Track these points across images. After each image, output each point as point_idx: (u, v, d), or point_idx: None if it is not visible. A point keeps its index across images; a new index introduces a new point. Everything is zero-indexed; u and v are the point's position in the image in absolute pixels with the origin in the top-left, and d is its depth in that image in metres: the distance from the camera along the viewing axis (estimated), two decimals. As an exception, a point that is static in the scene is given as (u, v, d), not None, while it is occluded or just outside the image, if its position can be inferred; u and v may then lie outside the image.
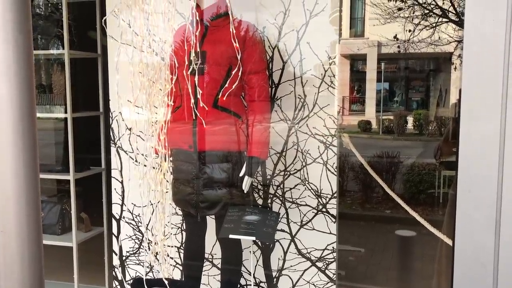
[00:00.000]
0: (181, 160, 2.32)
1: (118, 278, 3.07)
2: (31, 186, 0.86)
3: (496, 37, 0.84)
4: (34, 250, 0.86)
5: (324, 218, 2.78)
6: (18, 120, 0.83)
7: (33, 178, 0.87)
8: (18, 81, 0.82)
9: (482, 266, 0.85)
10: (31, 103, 0.85)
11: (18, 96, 0.83)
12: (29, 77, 0.84)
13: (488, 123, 0.85)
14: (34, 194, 0.87)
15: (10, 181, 0.84)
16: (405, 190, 5.91)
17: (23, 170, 0.85)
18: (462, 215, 0.85)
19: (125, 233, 3.03)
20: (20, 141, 0.84)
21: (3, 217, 0.84)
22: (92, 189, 3.39)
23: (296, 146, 2.78)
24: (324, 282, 2.81)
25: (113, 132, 2.97)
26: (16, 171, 0.84)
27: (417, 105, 13.61)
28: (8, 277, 0.85)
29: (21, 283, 0.85)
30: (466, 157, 0.84)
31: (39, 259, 0.87)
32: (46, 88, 5.81)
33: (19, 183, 0.85)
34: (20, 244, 0.84)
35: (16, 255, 0.84)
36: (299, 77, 2.72)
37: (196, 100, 2.18)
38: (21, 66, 0.83)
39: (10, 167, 0.84)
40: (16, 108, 0.83)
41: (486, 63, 0.85)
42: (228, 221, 2.22)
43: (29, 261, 0.85)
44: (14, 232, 0.84)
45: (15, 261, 0.84)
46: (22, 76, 0.82)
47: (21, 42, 0.81)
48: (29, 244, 0.85)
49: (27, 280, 0.85)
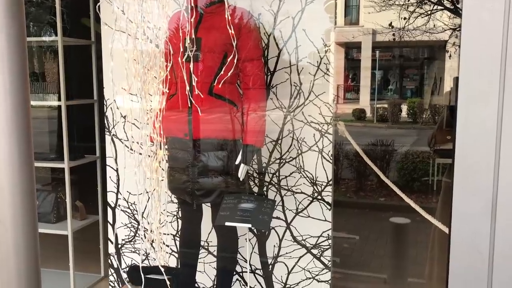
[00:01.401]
0: (176, 148, 2.32)
1: (114, 266, 3.08)
2: (26, 175, 0.86)
3: (494, 23, 0.83)
4: (29, 239, 0.86)
5: (319, 206, 2.79)
6: (12, 108, 0.82)
7: (28, 166, 0.86)
8: (11, 69, 0.81)
9: (478, 253, 0.85)
10: (25, 91, 0.84)
11: (12, 84, 0.82)
12: (23, 65, 0.83)
13: (485, 110, 0.85)
14: (29, 182, 0.86)
15: (5, 170, 0.83)
16: (399, 178, 5.94)
17: (18, 159, 0.84)
18: (459, 202, 0.85)
19: (120, 221, 3.03)
20: (15, 129, 0.83)
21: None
22: (87, 177, 3.38)
23: (292, 134, 2.78)
24: (319, 269, 2.83)
25: (107, 120, 2.95)
26: (11, 160, 0.83)
27: (412, 93, 13.63)
28: (4, 265, 0.84)
29: (17, 272, 0.84)
30: (462, 144, 0.84)
31: (35, 247, 0.87)
32: (39, 76, 5.76)
33: (14, 172, 0.84)
34: (15, 233, 0.83)
35: (11, 244, 0.84)
36: (294, 65, 2.71)
37: (191, 87, 2.17)
38: (14, 54, 0.81)
39: (4, 156, 0.83)
40: (10, 96, 0.82)
41: (483, 50, 0.85)
42: (224, 208, 2.22)
43: (24, 249, 0.85)
44: (10, 221, 0.84)
45: (10, 250, 0.84)
46: (15, 63, 0.81)
47: (14, 29, 0.80)
48: (24, 233, 0.84)
49: (23, 268, 0.84)
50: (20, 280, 0.84)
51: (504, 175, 0.84)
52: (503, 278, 0.87)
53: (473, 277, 0.88)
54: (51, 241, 3.24)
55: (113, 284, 3.11)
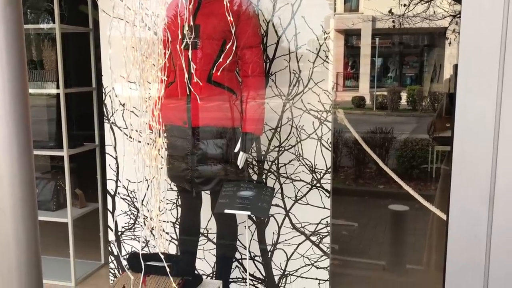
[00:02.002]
0: (175, 136, 2.31)
1: (114, 253, 3.10)
2: (25, 163, 0.86)
3: (494, 10, 0.83)
4: (29, 226, 0.86)
5: (318, 193, 2.80)
6: (10, 96, 0.82)
7: (27, 154, 0.86)
8: (9, 57, 0.81)
9: (476, 238, 0.86)
10: (23, 79, 0.83)
11: (10, 72, 0.82)
12: (20, 52, 0.82)
13: (484, 98, 0.84)
14: (28, 170, 0.86)
15: (4, 158, 0.83)
16: (398, 166, 5.95)
17: (17, 147, 0.84)
18: (457, 188, 0.85)
19: (120, 208, 3.04)
20: (13, 117, 0.83)
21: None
22: (86, 165, 3.38)
23: (291, 121, 2.77)
24: (318, 256, 2.85)
25: (106, 108, 2.95)
26: (10, 148, 0.83)
27: (411, 80, 13.60)
28: (5, 253, 0.85)
29: (18, 259, 0.85)
30: (461, 132, 0.84)
31: (35, 235, 0.87)
32: (37, 64, 5.74)
33: (13, 160, 0.84)
34: (15, 221, 0.84)
35: (12, 232, 0.84)
36: (293, 52, 2.70)
37: (190, 75, 2.16)
38: (11, 41, 0.81)
39: (3, 144, 0.83)
40: (8, 85, 0.81)
41: (483, 37, 0.84)
42: (223, 196, 2.23)
43: (25, 237, 0.85)
44: (9, 208, 0.84)
45: (11, 238, 0.84)
46: (13, 51, 0.81)
47: (11, 16, 0.79)
48: (24, 220, 0.85)
49: (24, 255, 0.85)
50: (20, 267, 0.85)
51: (502, 162, 0.84)
52: (500, 265, 0.88)
53: (470, 264, 0.89)
54: (51, 228, 3.26)
55: (113, 271, 3.13)
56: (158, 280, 1.83)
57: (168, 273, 1.81)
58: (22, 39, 0.83)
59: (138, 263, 1.85)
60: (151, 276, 1.85)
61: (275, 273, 2.91)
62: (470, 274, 0.90)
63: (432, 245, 2.89)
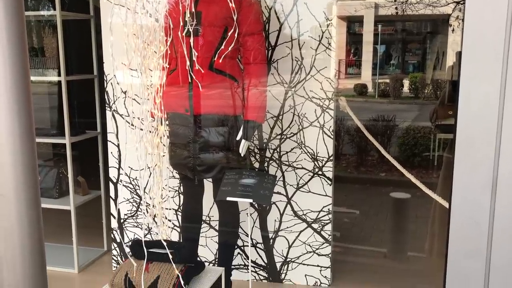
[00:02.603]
0: (177, 124, 2.31)
1: (117, 240, 3.12)
2: (27, 149, 0.86)
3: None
4: (33, 213, 0.86)
5: (320, 181, 2.81)
6: (12, 83, 0.82)
7: (29, 141, 0.86)
8: (10, 44, 0.80)
9: (477, 225, 0.86)
10: (24, 66, 0.83)
11: (11, 59, 0.81)
12: (21, 39, 0.82)
13: (488, 84, 0.84)
14: (30, 157, 0.86)
15: (6, 144, 0.83)
16: (400, 153, 5.95)
17: (19, 134, 0.84)
18: (459, 175, 0.85)
19: (122, 196, 3.05)
20: (15, 104, 0.83)
21: (0, 181, 0.83)
22: (89, 153, 3.39)
23: (293, 109, 2.77)
24: (319, 243, 2.86)
25: (108, 95, 2.94)
26: (12, 135, 0.83)
27: (414, 68, 13.55)
28: (8, 240, 0.85)
29: (21, 246, 0.85)
30: (465, 118, 0.84)
31: (38, 221, 0.88)
32: (38, 52, 5.72)
33: (15, 146, 0.84)
34: (18, 207, 0.84)
35: (15, 218, 0.85)
36: (296, 39, 2.68)
37: (191, 62, 2.15)
38: (12, 28, 0.80)
39: (6, 131, 0.83)
40: (9, 72, 0.81)
41: (488, 23, 0.83)
42: (225, 184, 2.23)
43: (28, 223, 0.86)
44: (12, 195, 0.84)
45: (14, 224, 0.85)
46: (13, 38, 0.80)
47: (12, 2, 0.79)
48: (27, 206, 0.85)
49: (27, 242, 0.85)
50: (24, 254, 0.85)
51: (506, 149, 0.84)
52: (502, 251, 0.88)
53: (472, 250, 0.89)
54: (54, 216, 3.28)
55: (116, 258, 3.15)
56: (160, 267, 1.84)
57: (170, 260, 1.82)
58: (23, 26, 0.83)
59: (140, 250, 1.86)
60: (153, 263, 1.86)
61: (277, 260, 2.93)
62: (471, 261, 0.91)
63: (434, 232, 2.90)
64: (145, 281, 1.81)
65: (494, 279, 0.90)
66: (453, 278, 0.93)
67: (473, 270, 0.91)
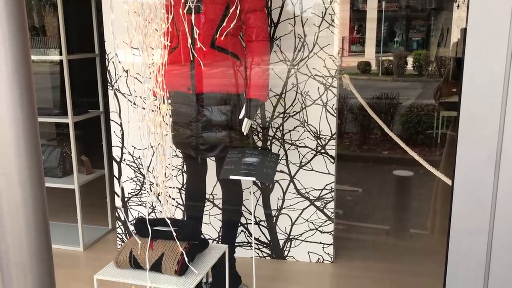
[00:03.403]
0: (179, 103, 2.30)
1: (121, 219, 3.15)
2: (30, 128, 0.86)
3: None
4: (36, 192, 0.87)
5: (323, 159, 2.81)
6: (12, 63, 0.81)
7: (32, 120, 0.86)
8: (10, 23, 0.79)
9: (480, 203, 0.86)
10: (24, 45, 0.82)
11: (11, 38, 0.81)
12: (21, 18, 0.81)
13: (493, 61, 0.83)
14: (33, 136, 0.86)
15: (9, 124, 0.83)
16: (403, 131, 5.94)
17: (21, 113, 0.84)
18: (463, 152, 0.85)
19: (126, 175, 3.06)
20: (16, 84, 0.82)
21: (4, 161, 0.84)
22: (92, 132, 3.39)
23: (296, 87, 2.75)
24: (322, 220, 2.88)
25: (109, 74, 2.93)
26: (14, 115, 0.83)
27: (417, 45, 13.42)
28: (13, 218, 0.86)
29: (26, 224, 0.86)
30: (468, 95, 0.83)
31: (42, 200, 0.88)
32: (39, 31, 5.67)
33: (18, 126, 0.84)
34: (22, 186, 0.84)
35: (19, 197, 0.85)
36: (298, 16, 2.65)
37: (193, 40, 2.13)
38: (12, 7, 0.79)
39: (8, 111, 0.83)
40: (10, 52, 0.80)
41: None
42: (228, 162, 2.24)
43: (32, 202, 0.86)
44: (16, 174, 0.84)
45: (18, 203, 0.85)
46: (13, 17, 0.80)
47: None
48: (31, 185, 0.85)
49: (32, 220, 0.86)
50: (29, 232, 0.86)
51: (510, 126, 0.83)
52: (504, 230, 0.88)
53: (475, 227, 0.90)
54: (58, 195, 3.30)
55: (121, 236, 3.19)
56: (165, 245, 1.86)
57: (175, 237, 1.84)
58: (22, 5, 0.82)
59: (145, 228, 1.88)
60: (158, 241, 1.88)
61: (280, 237, 2.96)
62: (474, 238, 0.91)
63: (436, 210, 2.92)
64: (150, 259, 1.83)
65: (496, 256, 0.91)
66: (455, 255, 0.93)
67: (475, 247, 0.91)
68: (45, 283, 0.90)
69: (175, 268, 1.80)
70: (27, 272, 0.87)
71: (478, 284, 0.92)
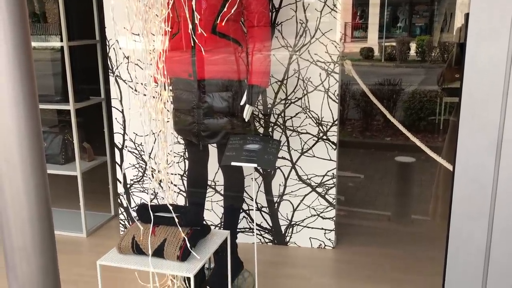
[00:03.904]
0: (181, 89, 2.30)
1: (124, 205, 3.16)
2: (31, 116, 0.86)
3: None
4: (38, 178, 0.87)
5: (325, 146, 2.81)
6: (13, 50, 0.81)
7: (33, 108, 0.86)
8: (10, 11, 0.79)
9: (482, 188, 0.86)
10: (25, 32, 0.82)
11: (11, 25, 0.80)
12: (21, 4, 0.81)
13: (495, 46, 0.82)
14: (34, 123, 0.87)
15: (10, 111, 0.83)
16: (405, 117, 5.93)
17: (22, 100, 0.84)
18: (464, 137, 0.85)
19: (128, 161, 3.07)
20: (17, 71, 0.82)
21: (5, 148, 0.84)
22: (93, 119, 3.40)
23: (297, 73, 2.74)
24: (323, 207, 2.89)
25: (110, 61, 2.92)
26: (16, 102, 0.83)
27: (421, 30, 13.31)
28: (16, 204, 0.86)
29: (28, 210, 0.87)
30: (470, 80, 0.83)
31: (44, 186, 0.89)
32: (40, 17, 5.64)
33: (19, 113, 0.84)
34: (24, 173, 0.85)
35: (21, 184, 0.86)
36: (300, 1, 2.63)
37: (194, 26, 2.12)
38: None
39: (9, 98, 0.83)
40: (10, 39, 0.80)
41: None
42: (229, 149, 2.24)
43: (34, 189, 0.87)
44: (18, 161, 0.85)
45: (21, 189, 0.86)
46: (13, 3, 0.79)
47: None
48: (33, 172, 0.86)
49: (34, 206, 0.87)
50: (31, 218, 0.86)
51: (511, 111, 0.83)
52: (505, 213, 0.88)
53: (476, 212, 0.90)
54: (61, 182, 3.32)
55: (123, 222, 3.21)
56: (167, 230, 1.87)
57: (177, 223, 1.85)
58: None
59: (147, 214, 1.89)
60: (160, 227, 1.89)
61: (282, 223, 2.97)
62: (474, 223, 0.91)
63: (438, 196, 2.92)
64: (152, 244, 1.85)
65: (496, 241, 0.91)
66: (456, 240, 0.94)
67: (475, 232, 0.91)
68: (48, 268, 0.91)
69: (177, 253, 1.82)
70: (30, 257, 0.88)
71: (478, 269, 0.93)
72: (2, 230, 0.88)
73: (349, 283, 2.57)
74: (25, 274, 0.88)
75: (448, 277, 0.95)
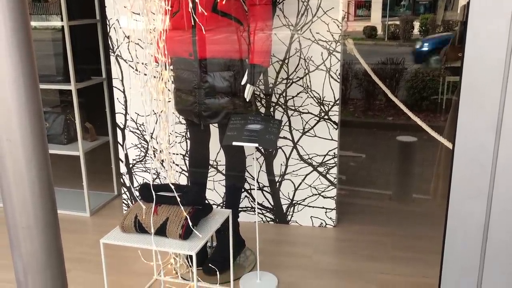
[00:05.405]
0: (181, 69, 2.29)
1: (126, 185, 3.18)
2: (31, 96, 0.86)
3: None
4: (40, 158, 0.88)
5: (326, 125, 2.81)
6: (12, 30, 0.81)
7: (33, 87, 0.86)
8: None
9: (481, 167, 0.86)
10: (23, 11, 0.81)
11: (10, 3, 0.80)
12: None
13: (496, 23, 0.81)
14: (35, 103, 0.87)
15: (10, 91, 0.84)
16: (408, 97, 5.90)
17: (22, 80, 0.84)
18: (464, 116, 0.85)
19: (130, 141, 3.08)
20: (17, 51, 0.82)
21: (7, 127, 0.84)
22: (95, 99, 3.39)
23: (299, 53, 2.72)
24: (325, 186, 2.90)
25: (111, 40, 2.90)
26: (16, 81, 0.83)
27: (425, 9, 13.15)
28: (19, 183, 0.87)
29: (31, 189, 0.88)
30: (471, 59, 0.82)
31: (46, 166, 0.89)
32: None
33: (20, 93, 0.84)
34: (25, 152, 0.85)
35: (23, 162, 0.86)
36: (302, -21, 2.59)
37: (194, 4, 2.09)
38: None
39: (9, 78, 0.83)
40: (8, 18, 0.80)
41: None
42: (231, 129, 2.24)
43: (36, 168, 0.88)
44: (19, 140, 0.85)
45: (23, 168, 0.87)
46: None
47: None
48: (34, 152, 0.86)
49: (36, 186, 0.87)
50: (34, 197, 0.87)
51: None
52: (503, 192, 0.89)
53: (475, 191, 0.90)
54: (64, 162, 3.34)
55: (126, 202, 3.23)
56: (169, 209, 1.89)
57: (179, 202, 1.87)
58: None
59: (149, 193, 1.91)
60: (162, 206, 1.91)
61: (283, 202, 2.99)
62: (473, 202, 0.92)
63: (439, 175, 2.93)
64: (155, 223, 1.86)
65: (494, 220, 0.92)
66: (454, 218, 0.94)
67: (474, 211, 0.92)
68: (51, 246, 0.92)
69: (179, 232, 1.84)
70: (34, 236, 0.89)
71: (476, 247, 0.94)
72: (6, 209, 0.89)
73: (350, 261, 2.60)
74: (29, 253, 0.89)
75: (446, 256, 0.96)
